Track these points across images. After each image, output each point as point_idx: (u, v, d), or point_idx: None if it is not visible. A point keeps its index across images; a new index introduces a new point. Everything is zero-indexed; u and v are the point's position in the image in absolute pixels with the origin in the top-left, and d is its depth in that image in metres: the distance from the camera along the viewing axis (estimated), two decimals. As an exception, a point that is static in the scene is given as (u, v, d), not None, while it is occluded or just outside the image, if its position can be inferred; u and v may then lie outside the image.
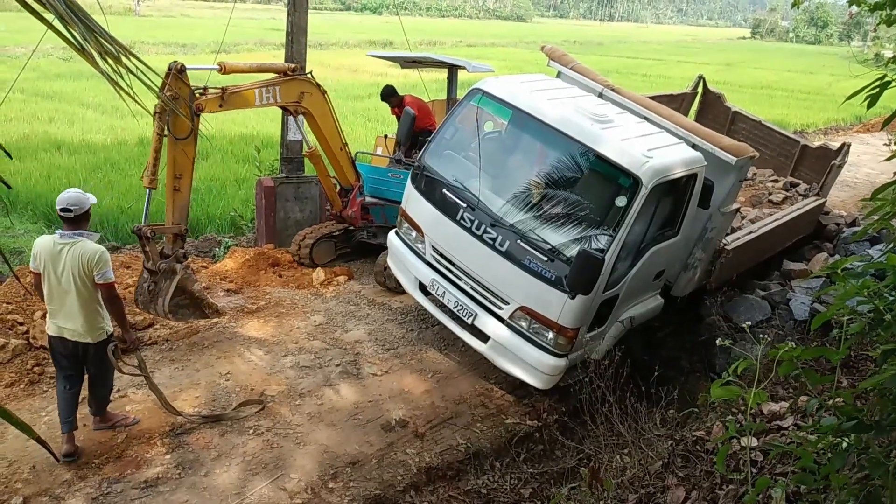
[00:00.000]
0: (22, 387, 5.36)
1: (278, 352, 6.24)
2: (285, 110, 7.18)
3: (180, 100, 5.62)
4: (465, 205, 5.61)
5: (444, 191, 5.79)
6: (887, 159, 3.71)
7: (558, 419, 5.84)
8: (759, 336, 2.82)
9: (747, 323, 3.20)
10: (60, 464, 4.50)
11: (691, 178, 5.56)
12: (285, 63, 6.98)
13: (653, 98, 7.22)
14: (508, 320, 5.52)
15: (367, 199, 8.10)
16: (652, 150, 5.24)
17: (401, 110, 8.53)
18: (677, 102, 9.68)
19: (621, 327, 5.84)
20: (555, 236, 5.26)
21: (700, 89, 10.40)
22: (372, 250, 8.20)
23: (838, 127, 21.70)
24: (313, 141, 7.61)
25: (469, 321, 5.74)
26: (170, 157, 5.80)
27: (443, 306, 5.98)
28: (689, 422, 4.65)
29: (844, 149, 8.58)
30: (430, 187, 5.91)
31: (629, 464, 4.17)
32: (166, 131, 5.66)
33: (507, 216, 5.44)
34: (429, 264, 6.04)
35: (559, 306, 5.17)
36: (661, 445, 4.27)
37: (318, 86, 7.07)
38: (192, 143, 5.89)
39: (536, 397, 6.01)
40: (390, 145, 9.13)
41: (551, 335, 5.32)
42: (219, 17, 44.42)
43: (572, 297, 5.08)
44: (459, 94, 8.81)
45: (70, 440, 4.55)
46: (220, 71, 6.15)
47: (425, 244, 6.04)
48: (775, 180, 9.53)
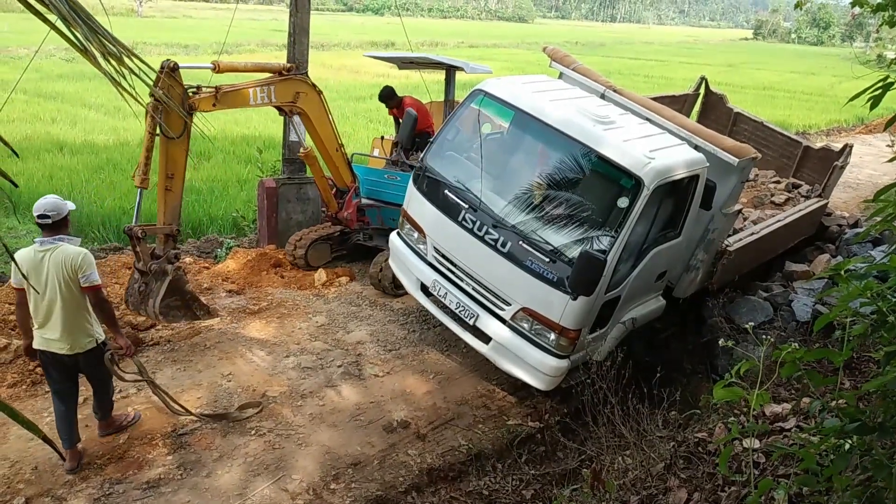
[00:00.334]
0: (24, 387, 5.36)
1: (280, 353, 6.24)
2: (280, 110, 7.06)
3: (173, 98, 5.54)
4: (466, 206, 5.61)
5: (446, 192, 5.79)
6: (890, 160, 3.71)
7: (560, 420, 5.83)
8: (761, 337, 2.82)
9: (749, 324, 3.20)
10: (63, 466, 4.51)
11: (693, 179, 5.55)
12: (281, 63, 6.86)
13: (655, 99, 7.21)
14: (510, 321, 5.52)
15: (364, 200, 8.03)
16: (654, 151, 5.24)
17: (399, 111, 8.48)
18: (679, 103, 9.66)
19: (623, 328, 5.83)
20: (556, 237, 5.26)
21: (702, 90, 10.38)
22: (368, 252, 8.15)
23: (840, 128, 21.68)
24: (309, 142, 7.54)
25: (471, 322, 5.74)
26: (162, 156, 5.74)
27: (444, 307, 5.97)
28: (692, 423, 4.63)
29: (847, 150, 8.56)
30: (432, 188, 5.91)
31: (631, 465, 4.17)
32: (158, 130, 5.59)
33: (508, 217, 5.43)
34: (430, 265, 6.04)
35: (561, 307, 5.17)
36: (663, 447, 4.27)
37: (313, 86, 6.99)
38: (185, 143, 5.82)
39: (538, 398, 6.01)
40: (387, 147, 9.07)
41: (553, 336, 5.32)
42: (221, 18, 44.58)
43: (574, 299, 5.08)
44: (458, 95, 8.83)
45: (73, 456, 4.49)
46: (215, 70, 6.07)
47: (427, 245, 6.03)
48: (777, 181, 9.52)
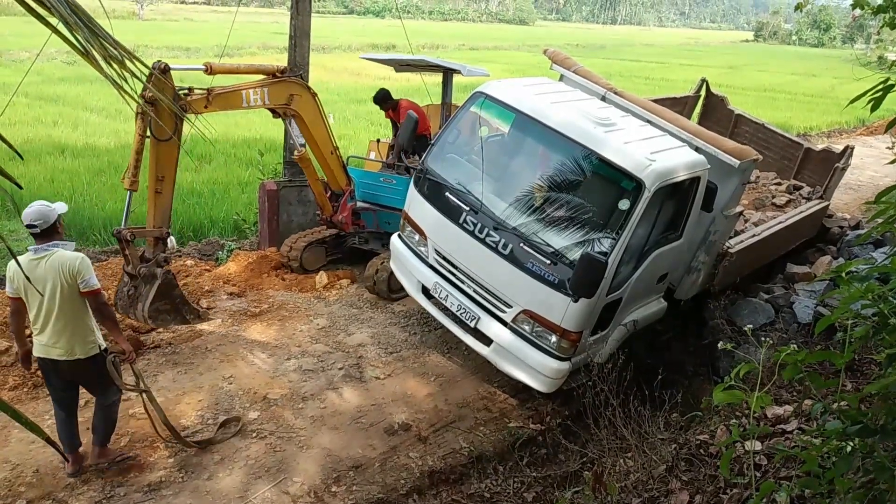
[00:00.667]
0: (25, 390, 5.37)
1: (281, 355, 6.24)
2: (274, 112, 6.95)
3: (163, 100, 5.42)
4: (467, 208, 5.61)
5: (447, 194, 5.79)
6: (891, 162, 3.71)
7: (561, 423, 5.82)
8: (762, 339, 2.81)
9: (750, 326, 3.20)
10: (65, 469, 4.51)
11: (694, 181, 5.55)
12: (274, 64, 6.77)
13: (656, 101, 7.20)
14: (511, 324, 5.52)
15: (359, 203, 7.97)
16: (655, 153, 5.23)
17: (395, 113, 8.44)
18: (680, 105, 9.67)
19: (624, 330, 5.83)
20: (558, 239, 5.25)
21: (703, 92, 10.39)
22: (366, 256, 8.08)
23: (842, 130, 21.70)
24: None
25: (472, 324, 5.73)
26: (152, 158, 5.72)
27: (446, 310, 5.97)
28: (693, 425, 4.63)
29: (848, 152, 8.56)
30: (433, 190, 5.92)
31: (633, 467, 4.16)
32: (149, 132, 5.55)
33: (509, 219, 5.43)
34: (432, 267, 6.04)
35: (562, 309, 5.16)
36: (664, 449, 4.26)
37: (308, 88, 6.92)
38: (176, 145, 5.79)
39: (539, 401, 6.00)
40: (383, 150, 9.01)
41: (554, 338, 5.31)
42: (222, 21, 44.61)
43: (575, 301, 5.08)
44: (455, 98, 8.81)
45: (76, 460, 4.47)
46: (207, 71, 5.99)
47: (428, 247, 6.03)
48: (778, 183, 9.51)
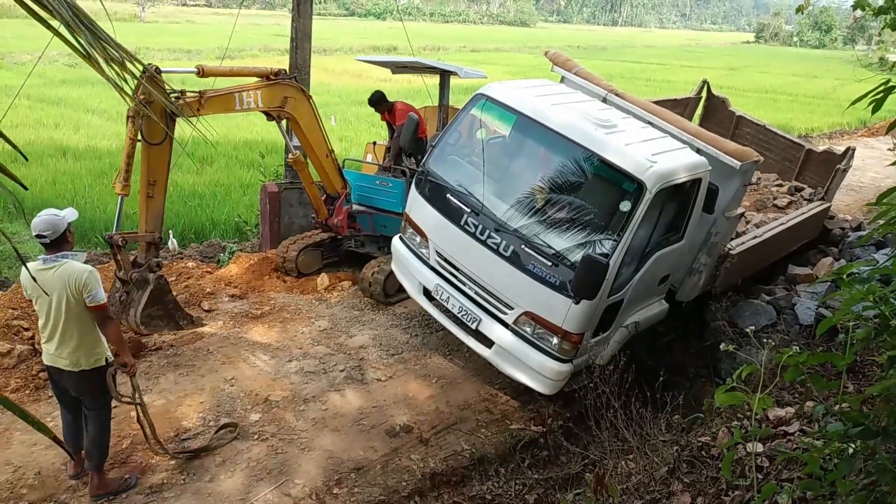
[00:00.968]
0: (27, 392, 5.37)
1: (283, 357, 6.24)
2: (268, 115, 6.90)
3: (155, 103, 5.38)
4: (469, 210, 5.61)
5: (448, 196, 5.79)
6: (893, 164, 3.70)
7: (563, 425, 5.81)
8: (764, 341, 2.81)
9: (752, 328, 3.19)
10: (66, 471, 4.52)
11: (696, 182, 5.55)
12: (268, 67, 6.71)
13: (657, 103, 7.20)
14: (513, 325, 5.52)
15: (355, 207, 7.92)
16: (656, 154, 5.24)
17: (391, 116, 8.39)
18: (681, 107, 9.68)
19: (626, 332, 5.83)
20: (559, 241, 5.25)
21: (704, 94, 10.39)
22: (360, 259, 8.04)
23: (843, 131, 21.67)
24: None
25: (473, 326, 5.73)
26: (143, 162, 5.67)
27: (447, 311, 5.97)
28: (695, 427, 4.62)
29: (849, 153, 8.56)
30: (435, 192, 5.92)
31: (634, 469, 4.16)
32: (140, 136, 5.50)
33: (511, 221, 5.43)
34: (433, 269, 6.04)
35: (563, 311, 5.16)
36: (666, 451, 4.26)
37: (302, 90, 6.88)
38: (167, 149, 5.74)
39: (541, 403, 6.00)
40: (379, 152, 8.97)
41: (556, 340, 5.31)
42: (223, 24, 44.69)
43: (577, 302, 5.08)
44: (454, 100, 8.81)
45: (78, 462, 4.49)
46: (199, 74, 5.96)
47: (429, 249, 6.04)
48: (780, 185, 9.51)
